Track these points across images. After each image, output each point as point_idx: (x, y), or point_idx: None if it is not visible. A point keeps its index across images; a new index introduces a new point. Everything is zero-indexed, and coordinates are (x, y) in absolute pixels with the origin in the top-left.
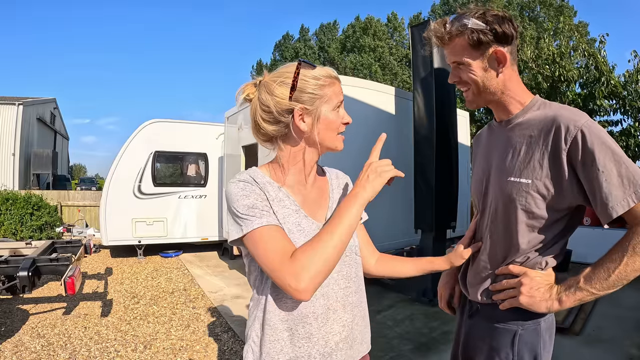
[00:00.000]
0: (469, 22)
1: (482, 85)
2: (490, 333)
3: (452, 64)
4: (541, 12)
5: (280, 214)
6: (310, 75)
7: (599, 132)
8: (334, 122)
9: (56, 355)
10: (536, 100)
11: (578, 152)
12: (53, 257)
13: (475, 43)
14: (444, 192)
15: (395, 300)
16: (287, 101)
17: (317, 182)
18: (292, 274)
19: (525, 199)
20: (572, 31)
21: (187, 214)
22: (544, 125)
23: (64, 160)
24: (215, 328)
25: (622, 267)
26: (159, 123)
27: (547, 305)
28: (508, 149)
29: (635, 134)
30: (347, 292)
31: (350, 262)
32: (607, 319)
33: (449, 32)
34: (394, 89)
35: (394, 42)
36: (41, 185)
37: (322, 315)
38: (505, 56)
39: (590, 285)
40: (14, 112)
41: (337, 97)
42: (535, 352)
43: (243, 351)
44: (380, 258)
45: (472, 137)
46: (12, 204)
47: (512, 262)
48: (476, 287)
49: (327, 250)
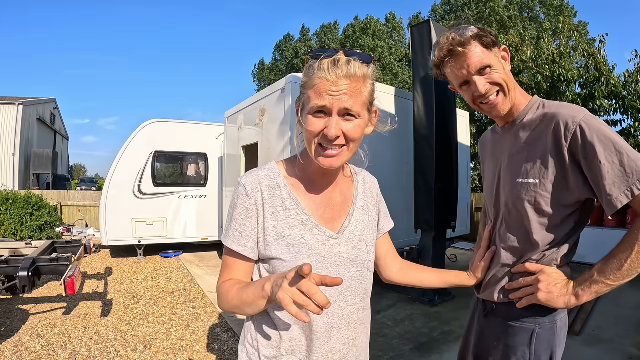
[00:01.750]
0: (474, 28)
1: (509, 84)
2: (506, 332)
3: (477, 71)
4: (541, 12)
5: (279, 228)
6: (317, 61)
7: (598, 125)
8: (307, 131)
9: (56, 355)
10: (535, 101)
11: (579, 147)
12: (53, 257)
13: (489, 44)
14: (444, 192)
15: (395, 300)
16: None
17: (341, 185)
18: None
19: (534, 199)
20: (571, 31)
21: (187, 214)
22: (544, 125)
23: (64, 160)
24: (215, 328)
25: (634, 256)
26: (159, 123)
27: (565, 300)
28: (513, 151)
29: (635, 134)
30: (354, 309)
31: (361, 277)
32: (607, 319)
33: (464, 38)
34: (394, 89)
35: (394, 42)
36: (41, 185)
37: (325, 334)
38: (508, 53)
39: (604, 276)
40: (14, 112)
41: (319, 100)
42: (551, 350)
43: (238, 350)
44: (405, 266)
45: (472, 137)
46: (12, 204)
47: (528, 260)
48: (493, 287)
49: (238, 310)
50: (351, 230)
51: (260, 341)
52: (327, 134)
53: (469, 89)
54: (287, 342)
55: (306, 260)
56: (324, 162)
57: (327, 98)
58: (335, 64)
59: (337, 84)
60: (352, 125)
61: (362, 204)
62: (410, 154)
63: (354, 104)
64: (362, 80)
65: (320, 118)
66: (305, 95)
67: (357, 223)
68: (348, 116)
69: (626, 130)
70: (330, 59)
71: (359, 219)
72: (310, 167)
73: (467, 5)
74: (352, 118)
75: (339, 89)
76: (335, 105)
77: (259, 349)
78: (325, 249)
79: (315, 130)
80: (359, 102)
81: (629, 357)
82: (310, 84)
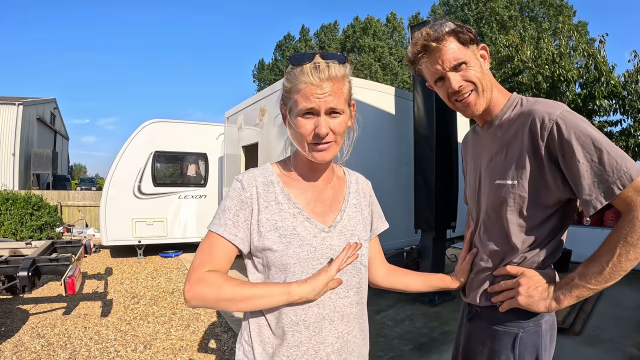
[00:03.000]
0: (451, 24)
1: (484, 83)
2: (491, 336)
3: (451, 67)
4: (540, 12)
5: (272, 220)
6: (298, 67)
7: (576, 121)
8: (298, 132)
9: (56, 355)
10: (514, 99)
11: (556, 145)
12: (53, 257)
13: (466, 41)
14: (444, 192)
15: (395, 300)
16: (286, 86)
17: (332, 182)
18: (190, 282)
19: (513, 200)
20: (571, 31)
21: (187, 214)
22: (521, 123)
23: (64, 160)
24: (215, 328)
25: (615, 259)
26: (159, 123)
27: (546, 304)
28: (492, 152)
29: (635, 134)
30: (346, 302)
31: (354, 271)
32: (607, 319)
33: (440, 33)
34: (394, 89)
35: (394, 42)
36: (41, 185)
37: (315, 324)
38: (487, 52)
39: (585, 280)
40: (14, 112)
41: (307, 102)
42: (536, 353)
43: (235, 348)
44: (390, 270)
45: None
46: (12, 204)
47: (510, 262)
48: (475, 290)
49: (224, 303)
50: (343, 225)
51: (254, 337)
52: (318, 132)
53: (444, 85)
54: (278, 334)
55: (297, 251)
56: (317, 156)
57: (314, 100)
58: (317, 68)
59: (321, 87)
60: (337, 121)
61: (354, 202)
62: (410, 154)
63: (338, 102)
64: (342, 80)
65: (309, 119)
66: (292, 99)
67: (350, 219)
68: (334, 114)
69: (626, 130)
70: (312, 65)
71: (351, 215)
72: (301, 165)
73: (467, 5)
74: (337, 115)
75: (324, 91)
76: (322, 106)
77: (254, 346)
78: (316, 241)
79: (307, 131)
80: (341, 100)
81: (629, 357)
82: (295, 89)
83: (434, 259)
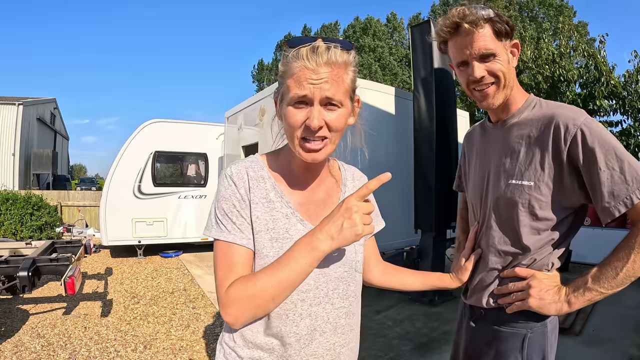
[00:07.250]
0: (491, 11)
1: (507, 78)
2: (497, 337)
3: (479, 56)
4: (540, 12)
5: (263, 219)
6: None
7: (599, 129)
8: (287, 123)
9: (56, 355)
10: (532, 99)
11: (579, 152)
12: (53, 257)
13: (501, 33)
14: (444, 192)
15: (395, 300)
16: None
17: (328, 181)
18: (222, 305)
19: (528, 202)
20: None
21: (187, 214)
22: (542, 125)
23: (64, 160)
24: (215, 328)
25: (629, 265)
26: (159, 123)
27: (557, 307)
28: (506, 150)
29: (635, 134)
30: (341, 313)
31: (349, 279)
32: (607, 319)
33: (476, 17)
34: (394, 89)
35: (394, 42)
36: (41, 185)
37: (306, 337)
38: (519, 49)
39: (598, 285)
40: (14, 112)
41: (299, 89)
42: (543, 354)
43: (216, 350)
44: (386, 269)
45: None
46: (12, 204)
47: (519, 264)
48: (481, 292)
49: (261, 295)
50: None
51: (237, 341)
52: (309, 124)
53: (466, 70)
54: (265, 344)
55: None
56: (307, 156)
57: (308, 87)
58: (314, 51)
59: (317, 72)
60: (334, 115)
61: None
62: (410, 154)
63: (336, 92)
64: (344, 67)
65: (301, 109)
66: (284, 85)
67: None
68: (330, 105)
69: (626, 130)
70: (309, 47)
71: None
72: (293, 161)
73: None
74: (334, 107)
75: (320, 77)
76: (317, 94)
77: (235, 350)
78: None
79: (296, 122)
80: (340, 90)
81: (629, 357)
82: (289, 72)
83: (433, 259)
